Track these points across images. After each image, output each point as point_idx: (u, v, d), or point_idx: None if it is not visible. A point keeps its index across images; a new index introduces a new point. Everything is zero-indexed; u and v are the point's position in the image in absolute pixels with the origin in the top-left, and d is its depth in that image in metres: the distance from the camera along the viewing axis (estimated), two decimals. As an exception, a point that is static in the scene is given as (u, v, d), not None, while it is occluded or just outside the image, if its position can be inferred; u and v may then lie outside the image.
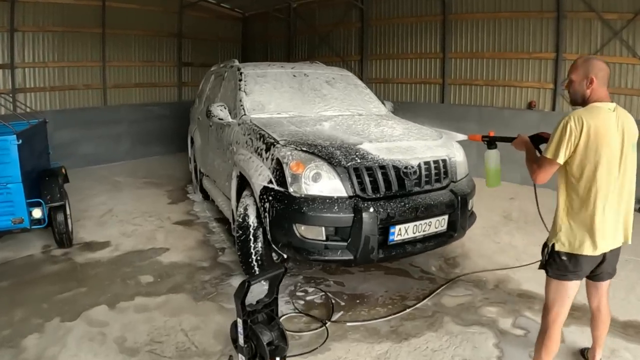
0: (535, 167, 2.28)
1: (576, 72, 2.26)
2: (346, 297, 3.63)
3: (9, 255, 4.37)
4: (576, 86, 2.27)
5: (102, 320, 3.26)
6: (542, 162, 2.24)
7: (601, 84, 2.22)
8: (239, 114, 4.26)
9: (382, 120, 4.29)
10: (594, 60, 2.27)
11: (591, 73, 2.21)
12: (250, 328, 2.02)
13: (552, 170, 2.22)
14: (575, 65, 2.29)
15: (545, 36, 6.90)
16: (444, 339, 3.04)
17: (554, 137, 2.17)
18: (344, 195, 3.18)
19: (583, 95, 2.24)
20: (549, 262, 2.29)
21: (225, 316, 3.31)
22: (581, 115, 2.11)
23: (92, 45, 8.25)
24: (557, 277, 2.27)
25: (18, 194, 3.77)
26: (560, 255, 2.22)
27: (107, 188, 6.90)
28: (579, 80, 2.25)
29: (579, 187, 2.16)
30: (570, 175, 2.19)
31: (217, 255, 4.44)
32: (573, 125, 2.10)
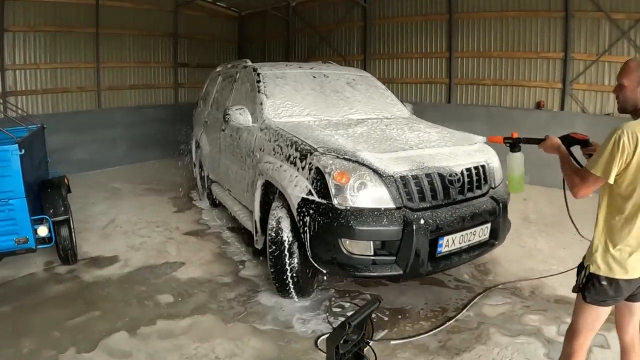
0: (578, 181, 1.97)
1: (630, 77, 1.96)
2: (388, 312, 3.34)
3: (9, 274, 3.92)
4: (629, 93, 1.97)
5: (124, 350, 2.88)
6: (587, 178, 1.93)
7: None
8: (260, 119, 3.91)
9: (413, 124, 4.01)
10: None
11: None
12: None
13: (596, 187, 1.94)
14: (629, 69, 1.98)
15: (553, 36, 6.73)
16: (495, 351, 2.87)
17: (604, 152, 1.87)
18: (392, 206, 2.90)
19: (636, 104, 1.95)
20: (587, 287, 1.99)
21: (261, 339, 2.99)
22: (636, 131, 1.83)
23: (85, 46, 7.79)
24: (596, 303, 1.99)
25: (22, 211, 3.33)
26: (600, 280, 1.95)
27: (105, 196, 6.45)
28: (633, 86, 1.95)
29: (625, 207, 1.90)
30: (617, 195, 1.92)
31: (238, 270, 4.08)
32: (627, 142, 1.82)
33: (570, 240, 4.72)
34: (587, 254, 2.03)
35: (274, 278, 3.34)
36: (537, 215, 5.54)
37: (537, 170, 4.62)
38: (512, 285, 3.79)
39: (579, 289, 2.03)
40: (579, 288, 2.04)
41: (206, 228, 5.21)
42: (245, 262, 4.25)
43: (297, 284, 3.26)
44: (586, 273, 1.99)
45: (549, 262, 4.23)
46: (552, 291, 3.67)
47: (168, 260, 4.27)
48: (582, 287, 2.01)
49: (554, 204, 5.52)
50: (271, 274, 3.38)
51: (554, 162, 6.95)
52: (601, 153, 1.88)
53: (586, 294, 1.99)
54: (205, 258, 4.33)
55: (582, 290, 2.01)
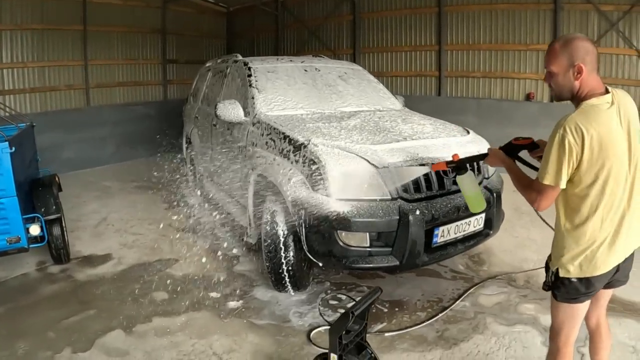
0: (535, 195, 1.77)
1: (556, 62, 1.74)
2: (387, 304, 3.34)
3: (0, 275, 3.84)
4: (560, 79, 1.76)
5: (120, 348, 2.84)
6: (541, 189, 1.74)
7: (591, 70, 1.72)
8: (251, 113, 3.87)
9: (406, 116, 4.00)
10: (577, 40, 1.73)
11: (577, 59, 1.70)
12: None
13: (555, 194, 1.75)
14: (554, 52, 1.75)
15: (542, 28, 6.76)
16: (492, 340, 2.88)
17: (550, 157, 1.68)
18: (387, 197, 2.88)
19: (571, 90, 1.75)
20: (556, 286, 1.86)
21: (258, 334, 2.97)
22: (579, 124, 1.63)
23: (73, 44, 7.62)
24: (567, 301, 1.86)
25: (13, 209, 3.25)
26: (570, 280, 1.81)
27: (96, 194, 6.36)
28: (562, 71, 1.74)
29: (583, 206, 1.73)
30: (573, 195, 1.75)
31: (232, 265, 4.05)
32: (572, 140, 1.63)
33: None
34: (553, 255, 1.88)
35: (270, 272, 3.31)
36: (529, 205, 5.56)
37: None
38: (506, 275, 3.81)
39: (548, 287, 1.91)
40: (548, 286, 1.92)
41: (198, 224, 5.16)
42: (239, 257, 4.22)
43: (292, 277, 3.24)
44: (553, 274, 1.86)
45: (542, 252, 4.19)
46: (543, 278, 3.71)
47: (161, 257, 4.22)
48: (550, 285, 1.89)
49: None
50: (266, 268, 3.36)
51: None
52: (547, 158, 1.70)
53: (556, 293, 1.87)
54: (198, 254, 4.28)
55: (551, 289, 1.89)
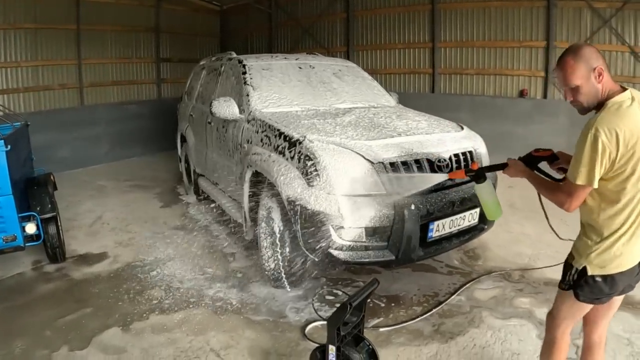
0: (565, 197, 1.76)
1: (578, 73, 1.71)
2: (384, 299, 3.36)
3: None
4: (585, 89, 1.73)
5: (117, 345, 2.84)
6: (573, 190, 1.73)
7: (607, 69, 1.73)
8: (246, 110, 3.88)
9: (401, 112, 4.02)
10: (585, 47, 1.75)
11: (595, 63, 1.70)
12: (343, 354, 1.71)
13: (585, 194, 1.74)
14: (570, 66, 1.73)
15: (535, 25, 6.80)
16: (488, 334, 2.91)
17: (583, 157, 1.66)
18: (382, 192, 2.89)
19: (597, 95, 1.73)
20: (579, 285, 1.81)
21: (255, 330, 2.98)
22: (611, 124, 1.63)
23: (66, 43, 7.58)
24: (590, 301, 1.84)
25: (9, 208, 3.25)
26: (595, 278, 1.78)
27: (91, 193, 6.34)
28: (585, 80, 1.71)
29: (617, 203, 1.73)
30: (606, 191, 1.73)
31: (228, 262, 4.06)
32: (605, 140, 1.62)
33: (556, 225, 4.88)
34: (576, 253, 1.85)
35: (266, 268, 3.32)
36: (523, 201, 5.59)
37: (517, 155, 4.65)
38: (500, 268, 3.85)
39: (569, 286, 1.86)
40: (569, 285, 1.87)
41: (194, 222, 5.16)
42: (235, 254, 4.22)
43: (289, 273, 3.25)
44: (577, 272, 1.83)
45: (536, 247, 4.29)
46: (541, 274, 3.73)
47: (157, 255, 4.21)
48: (572, 284, 1.85)
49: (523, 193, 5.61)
50: (263, 264, 3.36)
51: (537, 147, 6.78)
52: (579, 159, 1.68)
53: (579, 292, 1.82)
54: (194, 252, 4.29)
55: (572, 288, 1.85)
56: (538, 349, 2.65)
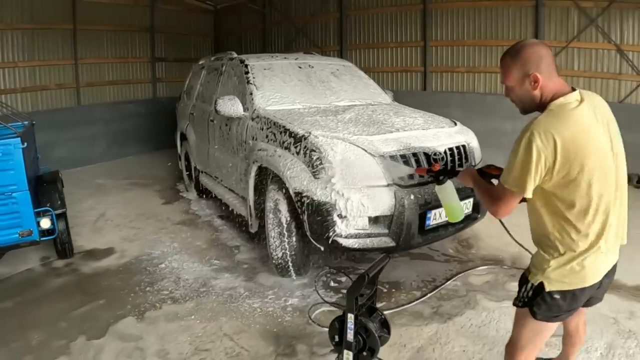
0: (493, 200, 1.71)
1: (510, 75, 1.67)
2: (387, 285, 3.57)
3: (5, 270, 3.93)
4: (518, 92, 1.68)
5: (133, 333, 3.00)
6: (503, 194, 1.66)
7: (549, 75, 1.63)
8: (250, 108, 4.05)
9: (397, 109, 4.22)
10: (527, 48, 1.65)
11: (530, 68, 1.62)
12: (359, 322, 1.91)
13: (515, 202, 1.67)
14: (505, 66, 1.68)
15: (524, 24, 7.00)
16: (483, 314, 3.12)
17: (516, 162, 1.57)
18: (383, 183, 3.10)
19: (532, 100, 1.67)
20: (536, 303, 1.69)
21: (264, 316, 3.16)
22: (548, 127, 1.52)
23: (63, 43, 7.66)
24: (547, 319, 1.72)
25: (25, 203, 3.39)
26: (552, 295, 1.66)
27: (91, 192, 6.46)
28: (517, 84, 1.66)
29: (570, 210, 1.60)
30: (556, 199, 1.61)
31: (233, 254, 4.23)
32: (540, 144, 1.51)
33: None
34: (533, 267, 1.74)
35: (273, 258, 3.51)
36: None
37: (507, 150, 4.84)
38: (493, 255, 4.06)
39: (524, 303, 1.75)
40: (523, 302, 1.75)
41: (196, 217, 5.32)
42: (240, 246, 4.39)
43: (295, 262, 3.44)
44: (532, 288, 1.71)
45: (526, 235, 4.44)
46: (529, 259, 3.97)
47: (163, 250, 4.36)
48: (526, 301, 1.74)
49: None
50: (270, 254, 3.55)
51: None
52: (512, 163, 1.59)
53: (535, 311, 1.70)
54: (200, 245, 4.45)
55: (527, 305, 1.73)
56: None
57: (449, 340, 2.84)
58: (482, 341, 2.83)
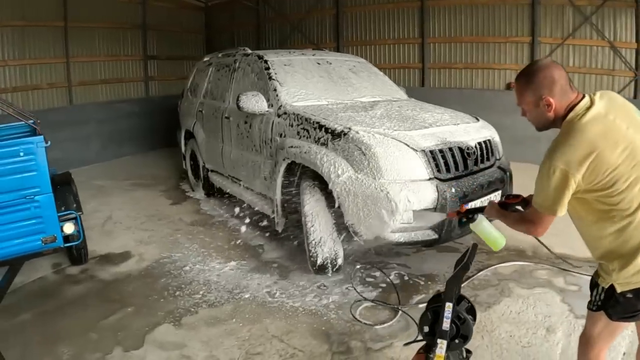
0: (529, 225, 1.73)
1: (523, 99, 1.71)
2: (423, 278, 3.56)
3: (16, 280, 3.54)
4: (533, 115, 1.72)
5: (174, 341, 2.83)
6: (537, 217, 1.69)
7: (563, 95, 1.64)
8: (275, 105, 3.93)
9: (421, 105, 4.20)
10: (540, 72, 1.66)
11: (543, 92, 1.64)
12: (454, 311, 1.87)
13: (552, 220, 1.68)
14: (519, 90, 1.72)
15: (521, 21, 7.09)
16: (519, 301, 3.18)
17: (544, 187, 1.62)
18: (425, 177, 3.07)
19: (547, 121, 1.70)
20: (610, 305, 1.68)
21: (309, 315, 3.07)
22: (565, 150, 1.56)
23: (54, 41, 7.32)
24: (624, 319, 1.71)
25: (49, 207, 3.16)
26: (625, 295, 1.64)
27: (92, 193, 6.15)
28: (531, 108, 1.70)
29: (617, 209, 1.59)
30: (599, 203, 1.61)
31: (258, 254, 4.11)
32: (564, 169, 1.55)
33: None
34: (601, 270, 1.73)
35: (311, 256, 3.42)
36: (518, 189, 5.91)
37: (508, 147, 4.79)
38: (515, 247, 4.02)
39: (597, 306, 1.74)
40: (597, 306, 1.74)
41: (209, 217, 5.16)
42: (263, 245, 4.27)
43: (333, 259, 3.38)
44: (603, 291, 1.71)
45: None
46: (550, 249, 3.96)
47: (183, 252, 4.19)
48: (600, 304, 1.72)
49: (531, 176, 5.87)
50: (307, 252, 3.45)
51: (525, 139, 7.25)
52: (542, 187, 1.63)
53: (610, 312, 1.69)
54: (221, 245, 4.31)
55: (602, 308, 1.72)
56: (564, 311, 3.01)
57: (495, 328, 2.87)
58: (524, 326, 2.87)
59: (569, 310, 3.04)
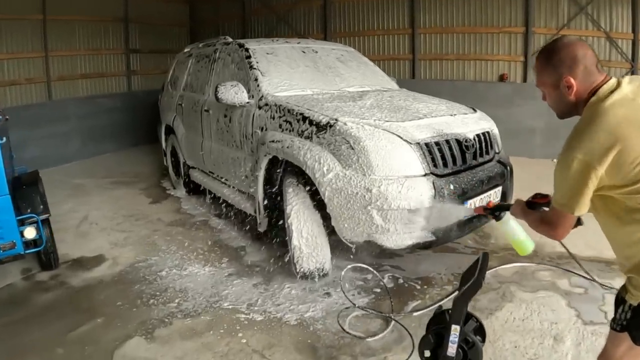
0: (550, 226, 1.50)
1: (542, 78, 1.50)
2: (419, 281, 3.25)
3: None
4: (552, 97, 1.49)
5: (146, 357, 2.50)
6: (557, 217, 1.47)
7: (587, 77, 1.42)
8: (256, 95, 3.58)
9: (414, 95, 3.88)
10: (560, 48, 1.44)
11: (563, 71, 1.42)
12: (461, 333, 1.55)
13: (573, 221, 1.47)
14: (537, 67, 1.51)
15: (514, 11, 6.80)
16: (523, 307, 2.90)
17: (564, 182, 1.39)
18: (420, 173, 2.74)
19: (568, 105, 1.47)
20: (636, 325, 1.45)
21: (293, 325, 2.74)
22: (584, 137, 1.34)
23: (32, 34, 6.87)
24: None
25: (6, 211, 2.79)
26: None
27: (69, 193, 5.79)
28: (551, 90, 1.48)
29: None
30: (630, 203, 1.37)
31: (240, 256, 3.77)
32: (584, 160, 1.33)
33: None
34: (630, 285, 1.47)
35: (294, 262, 3.08)
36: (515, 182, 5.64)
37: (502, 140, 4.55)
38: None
39: (622, 326, 1.49)
40: (621, 325, 1.49)
41: (190, 217, 4.80)
42: (245, 247, 3.94)
43: (319, 266, 3.04)
44: (630, 308, 1.47)
45: None
46: (551, 248, 3.68)
47: (160, 255, 3.84)
48: (625, 324, 1.48)
49: (526, 171, 5.60)
50: (291, 255, 3.10)
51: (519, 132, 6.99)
52: (560, 183, 1.41)
53: (635, 335, 1.45)
54: (201, 247, 3.96)
55: (627, 328, 1.48)
56: (571, 317, 2.73)
57: (498, 337, 2.58)
58: (530, 335, 2.59)
59: (576, 316, 2.76)
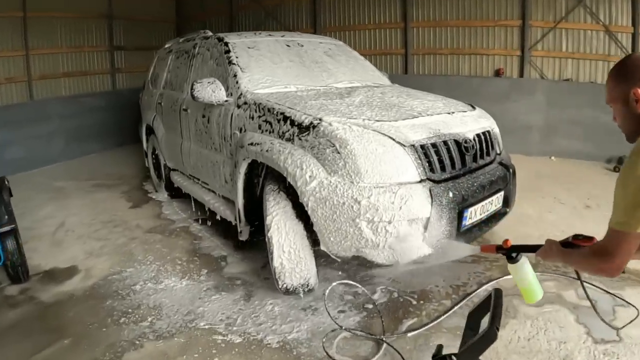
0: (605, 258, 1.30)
1: (611, 94, 1.37)
2: (415, 295, 2.95)
3: None
4: (621, 116, 1.37)
5: (112, 385, 2.22)
6: (617, 242, 1.27)
7: None
8: (235, 93, 3.26)
9: (408, 91, 3.57)
10: (631, 61, 1.34)
11: (633, 84, 1.30)
12: None
13: (633, 248, 1.27)
14: (608, 82, 1.39)
15: (510, 4, 6.53)
16: (527, 324, 2.64)
17: (626, 200, 1.25)
18: (415, 179, 2.43)
19: (637, 120, 1.33)
20: None
21: (278, 350, 2.44)
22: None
23: (12, 32, 6.53)
24: None
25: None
26: None
27: (49, 196, 5.45)
28: (620, 106, 1.35)
29: None
30: None
31: (220, 267, 3.46)
32: None
33: (552, 203, 4.67)
34: None
35: (276, 278, 2.76)
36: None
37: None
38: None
39: None
40: None
41: (170, 222, 4.48)
42: (226, 257, 3.63)
43: (303, 283, 2.73)
44: None
45: (540, 227, 4.02)
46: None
47: (137, 265, 3.53)
48: None
49: (526, 170, 5.36)
50: (272, 269, 2.78)
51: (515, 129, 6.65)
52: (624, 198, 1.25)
53: None
54: (179, 257, 3.65)
55: None
56: (580, 334, 2.49)
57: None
58: (536, 357, 2.32)
59: (586, 334, 2.50)
